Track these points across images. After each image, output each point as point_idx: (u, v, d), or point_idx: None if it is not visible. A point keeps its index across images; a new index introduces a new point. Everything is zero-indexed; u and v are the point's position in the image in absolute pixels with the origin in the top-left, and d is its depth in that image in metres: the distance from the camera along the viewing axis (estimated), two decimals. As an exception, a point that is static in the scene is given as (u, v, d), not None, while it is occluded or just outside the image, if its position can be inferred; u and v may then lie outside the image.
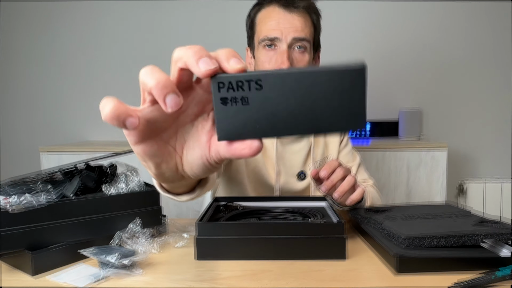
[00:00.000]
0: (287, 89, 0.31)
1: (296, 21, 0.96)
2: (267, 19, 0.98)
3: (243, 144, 0.33)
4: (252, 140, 0.33)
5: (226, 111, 0.32)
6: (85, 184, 0.76)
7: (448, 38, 2.17)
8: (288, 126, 0.32)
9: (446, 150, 1.84)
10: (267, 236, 0.69)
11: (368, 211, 0.86)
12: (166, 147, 0.37)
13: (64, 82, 2.25)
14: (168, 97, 0.31)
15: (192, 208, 1.88)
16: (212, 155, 0.36)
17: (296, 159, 1.09)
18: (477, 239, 0.64)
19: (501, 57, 2.17)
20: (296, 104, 0.32)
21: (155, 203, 0.81)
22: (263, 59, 0.99)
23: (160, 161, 0.38)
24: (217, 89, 0.32)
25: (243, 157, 0.33)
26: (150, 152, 0.37)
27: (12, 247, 0.64)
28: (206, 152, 0.36)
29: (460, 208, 0.84)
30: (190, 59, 0.32)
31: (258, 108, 0.32)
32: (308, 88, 0.31)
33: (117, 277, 0.63)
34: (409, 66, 2.19)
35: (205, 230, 0.70)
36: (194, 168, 0.38)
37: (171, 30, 2.21)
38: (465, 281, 0.56)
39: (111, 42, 2.22)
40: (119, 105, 0.32)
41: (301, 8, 0.97)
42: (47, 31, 2.23)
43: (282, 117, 0.32)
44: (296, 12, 0.97)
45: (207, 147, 0.36)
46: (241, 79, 0.31)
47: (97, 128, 2.27)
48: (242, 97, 0.32)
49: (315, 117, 0.32)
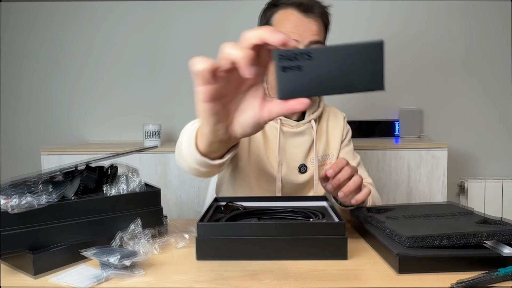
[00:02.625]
0: (329, 60, 0.43)
1: (312, 25, 1.01)
2: (285, 21, 1.01)
3: (296, 101, 0.44)
4: (304, 98, 0.44)
5: (284, 76, 0.44)
6: (85, 184, 0.76)
7: (448, 38, 2.17)
8: (330, 87, 0.44)
9: (446, 149, 1.84)
10: (267, 237, 0.69)
11: (370, 211, 0.86)
12: (225, 108, 0.50)
13: (65, 83, 2.25)
14: (251, 67, 0.43)
15: (193, 208, 1.88)
16: (263, 115, 0.49)
17: (297, 152, 1.11)
18: (480, 238, 0.64)
19: (501, 57, 2.16)
20: (335, 70, 0.43)
21: (156, 203, 0.80)
22: None
23: (218, 120, 0.50)
24: (278, 60, 0.43)
25: (297, 111, 0.44)
26: (213, 111, 0.49)
27: (13, 248, 0.64)
28: (257, 113, 0.49)
29: (462, 208, 0.84)
30: (267, 34, 0.43)
31: (308, 74, 0.43)
32: (344, 58, 0.43)
33: (118, 278, 0.62)
34: (409, 66, 2.19)
35: (205, 230, 0.70)
36: (245, 127, 0.51)
37: (172, 31, 2.21)
38: (466, 280, 0.55)
39: (112, 42, 2.22)
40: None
41: (317, 13, 1.02)
42: (48, 31, 2.22)
43: (326, 80, 0.44)
44: (313, 17, 1.02)
45: (259, 109, 0.49)
46: (297, 52, 0.43)
47: (98, 129, 2.27)
48: (297, 65, 0.43)
49: (349, 79, 0.44)
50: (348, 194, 0.81)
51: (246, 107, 0.50)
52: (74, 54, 2.23)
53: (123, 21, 2.21)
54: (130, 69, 2.23)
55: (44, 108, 2.27)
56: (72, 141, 2.25)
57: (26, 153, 2.27)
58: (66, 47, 2.23)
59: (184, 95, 2.22)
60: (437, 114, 2.20)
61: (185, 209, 1.88)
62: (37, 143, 2.23)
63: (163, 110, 2.23)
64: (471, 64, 2.17)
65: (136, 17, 2.21)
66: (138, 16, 2.21)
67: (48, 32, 2.23)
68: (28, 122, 2.28)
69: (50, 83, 2.25)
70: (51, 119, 2.27)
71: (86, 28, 2.22)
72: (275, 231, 0.69)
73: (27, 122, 2.28)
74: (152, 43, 2.22)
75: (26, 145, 2.27)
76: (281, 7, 1.03)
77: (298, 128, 1.10)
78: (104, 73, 2.24)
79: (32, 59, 2.25)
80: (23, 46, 2.24)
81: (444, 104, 2.19)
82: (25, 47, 2.24)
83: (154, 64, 2.23)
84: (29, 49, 2.24)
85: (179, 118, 2.21)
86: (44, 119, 2.27)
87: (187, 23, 2.21)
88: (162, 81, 2.23)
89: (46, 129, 2.27)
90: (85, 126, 2.27)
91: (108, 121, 2.26)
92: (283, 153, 1.10)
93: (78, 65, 2.24)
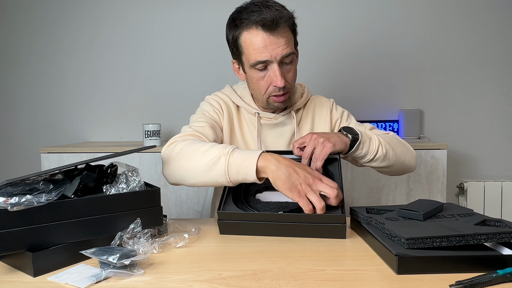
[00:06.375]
0: None
1: (281, 39, 1.00)
2: (254, 44, 1.01)
3: None
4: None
5: None
6: (85, 183, 0.76)
7: (448, 38, 2.17)
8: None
9: (446, 150, 1.84)
10: (277, 222, 0.82)
11: (370, 212, 0.86)
12: None
13: (65, 83, 2.25)
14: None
15: (193, 208, 1.88)
16: None
17: (279, 142, 1.16)
18: (479, 240, 0.64)
19: (501, 57, 2.17)
20: None
21: (156, 203, 0.80)
22: (257, 78, 1.06)
23: None
24: None
25: None
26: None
27: (13, 248, 0.63)
28: None
29: (462, 208, 0.84)
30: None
31: None
32: None
33: (118, 277, 0.63)
34: (409, 66, 2.19)
35: (227, 216, 0.85)
36: None
37: (172, 31, 2.21)
38: (465, 281, 0.55)
39: (112, 42, 2.22)
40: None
41: (281, 24, 1.00)
42: (48, 31, 2.22)
43: None
44: (278, 30, 1.00)
45: None
46: None
47: (97, 129, 2.27)
48: None
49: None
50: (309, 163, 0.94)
51: None
52: (74, 54, 2.23)
53: (123, 21, 2.21)
54: (130, 69, 2.23)
55: (44, 108, 2.27)
56: (72, 141, 2.25)
57: (26, 152, 2.27)
58: (66, 47, 2.23)
59: (184, 95, 2.22)
60: (437, 115, 2.20)
61: (184, 209, 1.88)
62: (37, 143, 2.23)
63: (163, 110, 2.23)
64: (471, 64, 2.18)
65: (136, 17, 2.21)
66: (138, 16, 2.21)
67: (48, 32, 2.22)
68: (28, 121, 2.28)
69: (50, 83, 2.25)
70: (51, 119, 2.27)
71: (86, 28, 2.22)
72: (285, 218, 0.82)
73: (27, 122, 2.28)
74: (152, 43, 2.22)
75: (26, 145, 2.27)
76: (245, 28, 1.02)
77: (276, 120, 1.15)
78: (104, 73, 2.24)
79: (32, 59, 2.24)
80: (23, 46, 2.24)
81: (444, 104, 2.20)
82: (25, 47, 2.24)
83: (154, 64, 2.23)
84: (29, 49, 2.24)
85: (179, 118, 2.21)
86: (44, 119, 2.27)
87: (188, 23, 2.21)
88: (162, 81, 2.23)
89: (46, 129, 2.27)
90: (85, 126, 2.27)
91: (108, 121, 2.26)
92: (265, 145, 1.15)
93: (78, 65, 2.24)
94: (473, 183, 2.10)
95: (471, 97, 2.19)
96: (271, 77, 1.04)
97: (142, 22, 2.21)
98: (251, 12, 1.00)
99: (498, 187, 2.08)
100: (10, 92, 2.27)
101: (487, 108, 2.19)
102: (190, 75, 2.22)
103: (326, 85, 2.19)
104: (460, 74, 2.18)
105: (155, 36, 2.21)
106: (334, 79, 2.20)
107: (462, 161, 2.21)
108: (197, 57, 2.21)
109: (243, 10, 1.03)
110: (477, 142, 2.20)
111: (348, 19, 2.18)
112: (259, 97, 1.11)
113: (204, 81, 2.20)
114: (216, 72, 2.19)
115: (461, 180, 2.15)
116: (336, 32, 2.19)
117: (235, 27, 1.04)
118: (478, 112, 2.19)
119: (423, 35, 2.17)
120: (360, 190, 1.87)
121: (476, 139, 2.20)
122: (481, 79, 2.18)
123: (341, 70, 2.19)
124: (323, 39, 2.18)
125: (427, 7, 2.16)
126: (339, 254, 0.74)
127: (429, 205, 0.80)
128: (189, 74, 2.22)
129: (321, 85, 2.17)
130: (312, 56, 2.17)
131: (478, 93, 2.19)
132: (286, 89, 1.06)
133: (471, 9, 2.15)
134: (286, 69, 1.05)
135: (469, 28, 2.16)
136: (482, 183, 2.09)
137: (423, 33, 2.17)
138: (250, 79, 1.09)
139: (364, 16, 2.18)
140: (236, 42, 1.06)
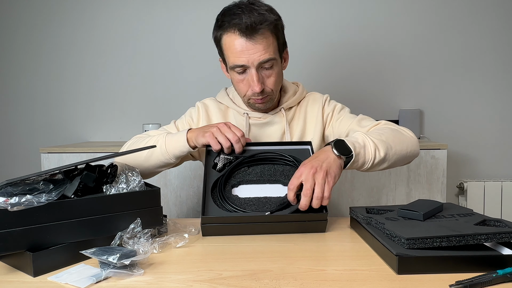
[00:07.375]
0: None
1: (258, 45, 0.99)
2: (232, 48, 1.01)
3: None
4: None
5: None
6: (85, 183, 0.76)
7: (448, 38, 2.17)
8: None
9: (446, 150, 1.84)
10: (263, 223, 0.85)
11: (370, 212, 0.86)
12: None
13: (65, 83, 2.25)
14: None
15: (193, 208, 1.88)
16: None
17: (271, 139, 1.17)
18: (480, 238, 0.64)
19: (501, 57, 2.16)
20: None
21: (156, 203, 0.80)
22: (237, 80, 1.08)
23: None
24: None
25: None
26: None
27: (13, 248, 0.63)
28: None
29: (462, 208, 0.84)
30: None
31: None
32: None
33: (118, 277, 0.62)
34: (409, 66, 2.19)
35: (210, 220, 0.84)
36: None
37: (172, 31, 2.21)
38: (465, 281, 0.55)
39: (112, 42, 2.22)
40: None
41: (260, 29, 0.98)
42: (48, 31, 2.22)
43: None
44: (257, 36, 0.98)
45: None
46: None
47: (97, 129, 2.27)
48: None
49: None
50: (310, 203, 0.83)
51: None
52: (74, 54, 2.23)
53: (123, 21, 2.21)
54: (130, 69, 2.23)
55: (44, 108, 2.27)
56: (71, 141, 2.25)
57: (26, 152, 2.26)
58: (66, 47, 2.23)
59: (184, 95, 2.22)
60: (437, 115, 2.20)
61: (184, 209, 1.88)
62: (37, 143, 2.23)
63: (163, 110, 2.23)
64: (471, 64, 2.17)
65: (136, 17, 2.21)
66: (138, 16, 2.21)
67: (48, 32, 2.22)
68: (28, 121, 2.28)
69: (50, 83, 2.25)
70: (51, 119, 2.27)
71: (86, 27, 2.22)
72: (270, 218, 0.85)
73: (27, 122, 2.28)
74: (152, 43, 2.22)
75: (26, 145, 2.27)
76: (225, 31, 1.02)
77: (265, 119, 1.15)
78: (104, 73, 2.24)
79: (32, 58, 2.24)
80: (23, 46, 2.24)
81: (444, 104, 2.19)
82: (25, 46, 2.24)
83: (154, 64, 2.23)
84: (29, 49, 2.24)
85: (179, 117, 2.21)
86: (44, 119, 2.27)
87: (187, 23, 2.21)
88: (162, 81, 2.23)
89: (46, 129, 2.27)
90: (85, 126, 2.27)
91: (108, 121, 2.26)
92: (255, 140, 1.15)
93: (78, 65, 2.24)
94: (473, 183, 2.10)
95: (471, 97, 2.19)
96: (249, 82, 1.05)
97: (142, 22, 2.21)
98: (232, 15, 0.99)
99: (498, 187, 2.08)
100: (10, 92, 2.27)
101: (487, 108, 2.19)
102: (190, 75, 2.22)
103: (326, 85, 2.19)
104: (460, 74, 2.18)
105: (155, 36, 2.21)
106: (334, 79, 2.20)
107: (462, 161, 2.21)
108: (197, 57, 2.21)
109: (227, 12, 1.02)
110: (477, 142, 2.20)
111: (348, 19, 2.18)
112: (241, 98, 1.14)
113: (204, 81, 2.20)
114: (216, 72, 2.18)
115: (461, 180, 2.15)
116: (336, 32, 2.19)
117: (218, 28, 1.04)
118: (478, 112, 2.19)
119: (423, 35, 2.17)
120: (360, 190, 1.87)
121: (476, 139, 2.20)
122: (481, 79, 2.18)
123: (341, 70, 2.19)
124: (323, 39, 2.18)
125: (428, 7, 2.16)
126: (339, 254, 0.74)
127: (429, 205, 0.80)
128: (189, 74, 2.22)
129: (321, 85, 2.17)
130: (311, 55, 2.17)
131: (478, 93, 2.18)
132: (265, 93, 1.06)
133: (471, 9, 2.15)
134: (266, 74, 1.05)
135: (469, 28, 2.16)
136: (482, 183, 2.09)
137: (423, 32, 2.17)
138: (232, 80, 1.12)
139: (364, 16, 2.17)
140: (219, 43, 1.06)
